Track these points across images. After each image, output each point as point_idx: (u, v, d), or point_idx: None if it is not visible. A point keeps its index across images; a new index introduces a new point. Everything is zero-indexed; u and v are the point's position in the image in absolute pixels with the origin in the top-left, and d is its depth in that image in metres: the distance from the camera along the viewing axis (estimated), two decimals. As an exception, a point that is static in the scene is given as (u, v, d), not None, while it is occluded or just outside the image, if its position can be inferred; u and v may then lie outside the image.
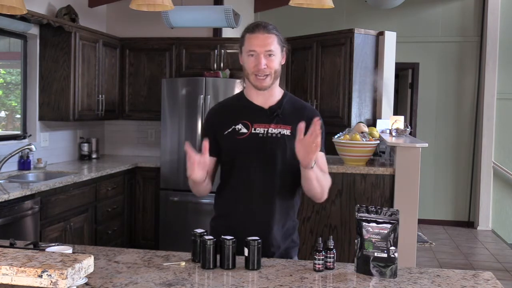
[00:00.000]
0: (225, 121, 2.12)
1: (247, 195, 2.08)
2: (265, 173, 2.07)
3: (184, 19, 5.22)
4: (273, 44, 2.03)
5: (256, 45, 2.02)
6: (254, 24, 2.07)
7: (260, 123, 2.08)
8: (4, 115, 5.11)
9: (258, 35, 2.02)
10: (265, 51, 2.01)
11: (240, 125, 2.09)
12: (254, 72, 2.04)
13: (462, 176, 7.33)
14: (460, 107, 7.33)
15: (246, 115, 2.10)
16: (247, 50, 2.04)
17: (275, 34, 2.04)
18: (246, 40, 2.05)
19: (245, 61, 2.07)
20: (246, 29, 2.08)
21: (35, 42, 4.78)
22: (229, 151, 2.12)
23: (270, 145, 2.06)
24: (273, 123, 2.08)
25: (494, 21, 7.03)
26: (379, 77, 5.31)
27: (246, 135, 2.08)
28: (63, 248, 1.72)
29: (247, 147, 2.07)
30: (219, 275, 1.76)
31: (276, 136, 2.07)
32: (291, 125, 2.07)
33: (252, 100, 2.13)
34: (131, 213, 5.30)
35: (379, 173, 4.33)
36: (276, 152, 2.07)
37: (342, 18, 7.22)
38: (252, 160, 2.07)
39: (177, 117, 5.12)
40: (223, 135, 2.10)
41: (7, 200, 3.37)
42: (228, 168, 2.14)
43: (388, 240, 1.75)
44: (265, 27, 2.03)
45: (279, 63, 2.07)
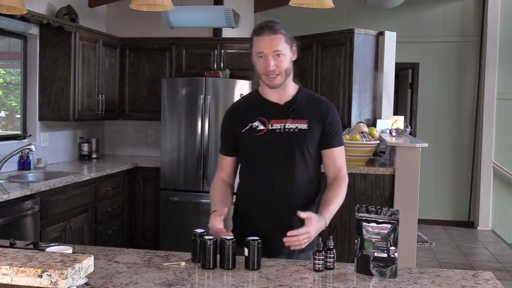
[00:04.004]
0: (242, 119, 2.16)
1: (268, 192, 2.13)
2: (285, 169, 2.11)
3: (184, 19, 5.22)
4: (280, 44, 2.06)
5: (264, 47, 2.06)
6: (260, 26, 2.10)
7: (276, 119, 2.12)
8: (4, 115, 5.11)
9: (265, 37, 2.06)
10: (272, 51, 2.05)
11: (257, 122, 2.13)
12: (264, 73, 2.09)
13: (462, 176, 7.33)
14: (460, 107, 7.33)
15: (262, 112, 2.14)
16: (256, 52, 2.09)
17: (282, 34, 2.07)
18: (254, 43, 2.09)
19: (255, 63, 2.12)
20: (253, 31, 2.12)
21: (35, 42, 4.78)
22: (248, 149, 2.17)
23: (288, 140, 2.10)
24: (290, 118, 2.12)
25: (494, 21, 7.03)
26: (379, 77, 5.31)
27: (263, 132, 2.12)
28: (63, 248, 1.72)
29: (265, 144, 2.11)
30: (219, 275, 1.76)
31: (294, 130, 2.11)
32: (307, 119, 2.12)
33: (267, 97, 2.17)
34: (131, 213, 5.30)
35: (379, 173, 4.33)
36: (294, 146, 2.11)
37: (342, 18, 7.21)
38: (271, 156, 2.12)
39: (177, 117, 5.12)
40: (240, 133, 2.15)
41: (7, 200, 3.37)
42: (247, 166, 2.19)
43: (388, 240, 1.75)
44: (271, 28, 2.06)
45: (289, 61, 2.10)
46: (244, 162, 2.21)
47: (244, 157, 2.20)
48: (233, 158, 2.23)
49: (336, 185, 2.15)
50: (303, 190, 2.13)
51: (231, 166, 2.24)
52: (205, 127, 5.04)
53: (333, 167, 2.18)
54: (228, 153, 2.24)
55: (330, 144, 2.16)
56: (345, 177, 2.19)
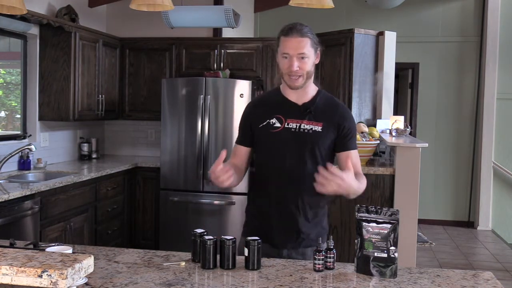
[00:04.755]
0: (261, 114, 2.24)
1: (278, 188, 2.20)
2: (296, 166, 2.18)
3: (184, 19, 5.21)
4: (306, 48, 2.12)
5: (290, 48, 2.11)
6: (289, 26, 2.15)
7: (293, 118, 2.19)
8: (4, 115, 5.11)
9: (292, 39, 2.11)
10: (297, 54, 2.11)
11: (274, 119, 2.20)
12: (287, 73, 2.15)
13: (462, 176, 7.33)
14: (460, 107, 7.33)
15: (281, 110, 2.21)
16: (281, 52, 2.14)
17: (309, 37, 2.13)
18: (281, 43, 2.15)
19: (279, 62, 2.18)
20: (281, 31, 2.17)
21: (35, 42, 4.78)
22: (263, 144, 2.25)
23: (302, 140, 2.17)
24: (306, 119, 2.19)
25: (494, 21, 7.03)
26: (379, 77, 5.30)
27: (279, 129, 2.19)
28: (63, 248, 1.72)
29: (280, 141, 2.19)
30: (219, 275, 1.76)
31: (308, 131, 2.17)
32: (322, 122, 2.19)
33: (287, 96, 2.24)
34: (131, 213, 5.30)
35: (379, 173, 4.33)
36: (307, 147, 2.17)
37: (342, 18, 7.21)
38: (284, 153, 2.18)
39: (177, 117, 5.12)
40: (258, 128, 2.23)
41: (7, 200, 3.36)
42: (261, 161, 2.27)
43: (388, 240, 1.75)
44: (299, 30, 2.12)
45: (312, 64, 2.16)
46: (258, 157, 2.29)
47: (258, 152, 2.28)
48: (248, 149, 2.29)
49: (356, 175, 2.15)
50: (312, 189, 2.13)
51: (244, 155, 2.30)
52: (205, 127, 5.04)
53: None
54: (243, 143, 2.30)
55: (346, 147, 2.23)
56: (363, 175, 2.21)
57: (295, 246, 2.19)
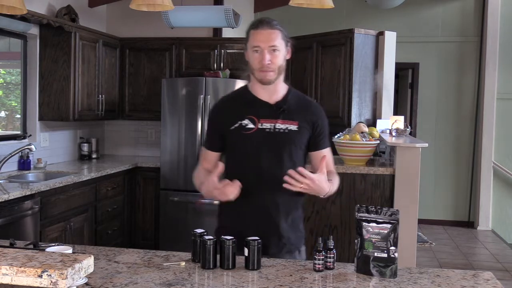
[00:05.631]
0: (231, 116, 2.12)
1: (256, 190, 2.10)
2: (273, 168, 2.09)
3: (184, 19, 5.21)
4: (277, 40, 2.05)
5: (260, 40, 2.04)
6: (258, 20, 2.10)
7: (266, 118, 2.10)
8: (4, 115, 5.11)
9: (262, 31, 2.05)
10: (269, 46, 2.04)
11: (246, 121, 2.10)
12: (258, 68, 2.07)
13: (462, 176, 7.33)
14: (460, 107, 7.33)
15: (252, 110, 2.12)
16: (252, 46, 2.07)
17: (279, 30, 2.07)
18: (251, 36, 2.08)
19: (250, 57, 2.10)
20: (250, 25, 2.11)
21: (35, 42, 4.78)
22: (236, 147, 2.14)
23: (278, 140, 2.09)
24: (280, 118, 2.10)
25: (494, 21, 7.03)
26: (379, 77, 5.30)
27: (253, 131, 2.09)
28: (63, 248, 1.72)
29: (254, 143, 2.09)
30: (219, 275, 1.76)
31: (284, 131, 2.10)
32: (297, 120, 2.12)
33: (257, 95, 2.15)
34: (131, 213, 5.30)
35: (379, 173, 4.33)
36: (284, 147, 2.10)
37: (342, 18, 7.21)
38: (260, 155, 2.10)
39: (177, 117, 5.12)
40: (229, 131, 2.12)
41: (7, 200, 3.37)
42: (235, 164, 2.15)
43: (388, 240, 1.75)
44: (269, 23, 2.06)
45: (283, 58, 2.09)
46: (231, 159, 2.17)
47: (231, 154, 2.17)
48: (217, 154, 2.20)
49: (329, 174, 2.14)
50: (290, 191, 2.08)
51: (215, 161, 2.19)
52: (205, 127, 5.03)
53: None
54: (214, 148, 2.21)
55: (320, 146, 2.19)
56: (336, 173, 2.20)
57: (277, 252, 2.09)
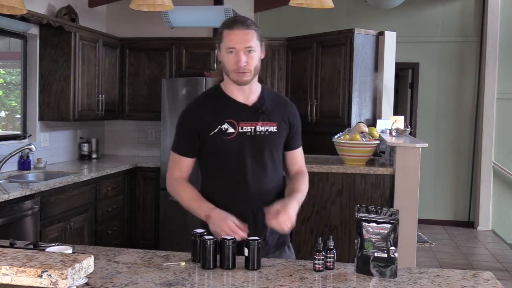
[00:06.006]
0: (209, 121, 2.05)
1: (239, 196, 2.07)
2: (256, 172, 2.07)
3: (184, 19, 5.21)
4: (252, 40, 1.98)
5: (236, 41, 1.97)
6: (232, 19, 2.02)
7: (246, 121, 2.05)
8: (4, 115, 5.11)
9: (237, 32, 1.97)
10: (244, 47, 1.97)
11: (226, 125, 2.03)
12: (234, 70, 1.99)
13: (462, 176, 7.33)
14: (460, 107, 7.33)
15: (231, 113, 2.05)
16: (227, 47, 1.98)
17: (254, 30, 2.00)
18: (225, 37, 1.99)
19: (224, 58, 2.01)
20: (223, 24, 2.02)
21: (35, 42, 4.78)
22: (217, 152, 2.07)
23: (259, 143, 2.06)
24: (260, 120, 2.07)
25: (494, 21, 7.03)
26: (379, 78, 5.30)
27: (234, 135, 2.04)
28: (63, 248, 1.72)
29: (235, 147, 2.04)
30: (219, 275, 1.76)
31: (264, 133, 2.07)
32: (276, 121, 2.10)
33: (233, 96, 2.08)
34: (131, 213, 5.30)
35: (379, 173, 4.33)
36: (265, 150, 2.08)
37: (342, 18, 7.21)
38: (242, 160, 2.05)
39: (177, 117, 5.09)
40: (208, 136, 2.05)
41: (7, 200, 3.37)
42: (216, 169, 2.10)
43: (388, 240, 1.75)
44: (244, 22, 1.99)
45: (258, 58, 2.03)
46: (211, 165, 2.11)
47: (211, 160, 2.10)
48: (192, 160, 2.12)
49: (300, 179, 2.18)
50: (274, 191, 2.13)
51: (190, 167, 2.13)
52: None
53: (295, 166, 2.23)
54: (187, 153, 2.12)
55: (295, 145, 2.20)
56: (306, 173, 2.23)
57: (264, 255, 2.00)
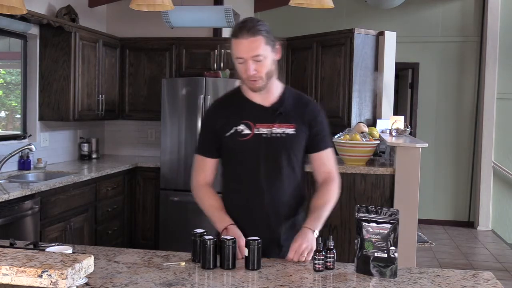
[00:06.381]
0: (226, 121, 2.04)
1: (254, 198, 2.05)
2: (271, 175, 2.03)
3: (184, 19, 5.21)
4: (259, 48, 1.93)
5: (242, 51, 1.94)
6: (238, 26, 1.97)
7: (263, 123, 2.02)
8: (4, 115, 5.11)
9: (243, 41, 1.93)
10: (251, 56, 1.93)
11: (242, 126, 2.02)
12: (245, 78, 1.99)
13: (462, 176, 7.33)
14: (460, 107, 7.33)
15: (248, 114, 2.04)
16: (235, 57, 1.97)
17: (262, 35, 1.93)
18: (233, 45, 1.97)
19: (235, 66, 2.02)
20: (231, 32, 1.99)
21: (35, 42, 4.78)
22: (232, 154, 2.07)
23: (275, 146, 2.01)
24: (276, 122, 2.02)
25: (494, 21, 7.03)
26: (379, 79, 5.30)
27: (249, 137, 2.01)
28: (63, 248, 1.72)
29: (251, 149, 2.02)
30: (219, 275, 1.76)
31: (281, 136, 2.02)
32: (294, 123, 2.03)
33: (251, 98, 2.06)
34: (131, 213, 5.30)
35: (379, 173, 4.33)
36: (281, 152, 2.02)
37: (342, 18, 7.21)
38: (257, 161, 2.02)
39: (177, 117, 5.12)
40: (224, 137, 2.04)
41: (7, 200, 3.36)
42: (232, 171, 2.10)
43: (388, 240, 1.75)
44: (250, 29, 1.92)
45: (270, 63, 1.98)
46: (228, 167, 2.10)
47: (228, 161, 2.10)
48: (215, 160, 2.11)
49: (326, 189, 2.10)
50: (290, 195, 2.07)
51: (213, 169, 2.12)
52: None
53: (322, 170, 2.12)
54: (209, 154, 2.11)
55: (319, 147, 2.10)
56: (335, 178, 2.13)
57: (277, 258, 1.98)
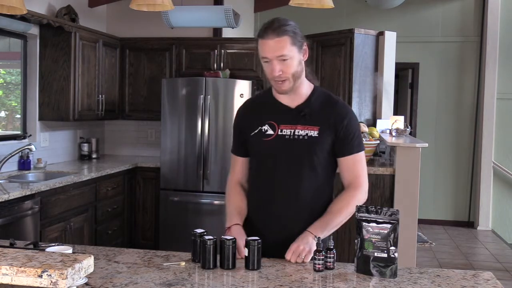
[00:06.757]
0: (252, 121, 2.06)
1: (273, 198, 2.04)
2: (291, 177, 2.01)
3: (184, 19, 5.22)
4: (285, 48, 1.91)
5: (267, 51, 1.92)
6: (265, 26, 1.95)
7: (286, 124, 2.01)
8: (4, 115, 5.11)
9: (268, 41, 1.91)
10: (277, 56, 1.91)
11: (266, 126, 2.02)
12: (271, 79, 1.97)
13: (462, 176, 7.33)
14: (460, 107, 7.33)
15: (273, 115, 2.04)
16: (261, 56, 1.96)
17: (288, 35, 1.91)
18: (259, 46, 1.96)
19: (263, 66, 2.00)
20: (258, 32, 1.98)
21: (35, 42, 4.78)
22: (256, 153, 2.08)
23: (297, 148, 1.99)
24: (300, 124, 2.00)
25: (494, 21, 7.03)
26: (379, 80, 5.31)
27: (272, 137, 2.01)
28: (63, 248, 1.72)
29: (273, 150, 2.01)
30: (219, 275, 1.76)
31: (303, 138, 1.98)
32: (319, 125, 1.99)
33: (279, 98, 2.05)
34: (131, 213, 5.30)
35: (379, 173, 4.33)
36: (303, 155, 1.99)
37: (342, 18, 7.21)
38: (279, 163, 2.01)
39: (177, 117, 5.12)
40: (250, 136, 2.06)
41: (7, 200, 3.36)
42: (254, 171, 2.10)
43: (388, 240, 1.75)
44: (276, 29, 1.91)
45: (297, 64, 1.96)
46: (252, 166, 2.11)
47: (252, 160, 2.11)
48: (245, 159, 2.14)
49: (345, 195, 2.04)
50: (311, 199, 2.03)
51: (243, 167, 2.15)
52: (205, 127, 5.03)
53: (347, 175, 2.05)
54: (239, 153, 2.16)
55: (345, 151, 2.02)
56: (360, 184, 2.04)
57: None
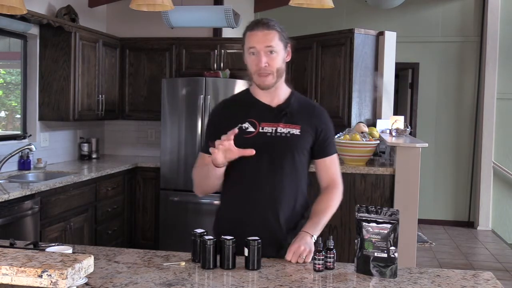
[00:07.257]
0: (231, 119, 2.05)
1: (255, 196, 2.05)
2: (274, 173, 2.03)
3: (184, 19, 5.22)
4: (273, 40, 1.96)
5: (256, 41, 1.96)
6: (255, 21, 2.02)
7: (268, 122, 2.03)
8: (4, 115, 5.11)
9: (258, 32, 1.97)
10: (265, 47, 1.96)
11: (247, 124, 2.03)
12: (256, 71, 1.99)
13: (462, 176, 7.33)
14: (460, 107, 7.33)
15: (253, 113, 2.05)
16: (248, 47, 1.99)
17: (276, 30, 1.98)
18: (247, 38, 2.00)
19: (247, 60, 2.03)
20: (247, 27, 2.03)
21: (35, 42, 4.78)
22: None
23: (279, 145, 2.02)
24: (282, 122, 2.03)
25: (494, 21, 7.03)
26: (379, 77, 5.31)
27: (253, 134, 2.02)
28: (63, 248, 1.72)
29: (254, 147, 1.99)
30: (219, 275, 1.76)
31: (286, 135, 2.02)
32: (300, 124, 2.04)
33: (259, 97, 2.08)
34: (131, 213, 5.30)
35: (379, 173, 4.33)
36: (285, 151, 2.03)
37: (342, 18, 7.21)
38: (260, 160, 2.01)
39: (177, 117, 5.12)
40: None
41: (7, 200, 3.37)
42: (234, 169, 2.07)
43: (388, 240, 1.75)
44: (266, 23, 1.98)
45: (281, 60, 2.01)
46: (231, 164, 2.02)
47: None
48: None
49: (328, 195, 2.12)
50: (292, 196, 2.07)
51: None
52: (205, 127, 5.03)
53: (325, 176, 2.14)
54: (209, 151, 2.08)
55: (323, 153, 2.11)
56: (339, 184, 2.14)
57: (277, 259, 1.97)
